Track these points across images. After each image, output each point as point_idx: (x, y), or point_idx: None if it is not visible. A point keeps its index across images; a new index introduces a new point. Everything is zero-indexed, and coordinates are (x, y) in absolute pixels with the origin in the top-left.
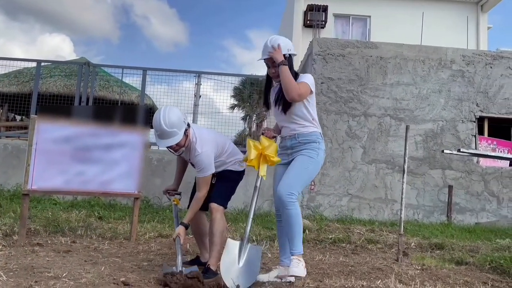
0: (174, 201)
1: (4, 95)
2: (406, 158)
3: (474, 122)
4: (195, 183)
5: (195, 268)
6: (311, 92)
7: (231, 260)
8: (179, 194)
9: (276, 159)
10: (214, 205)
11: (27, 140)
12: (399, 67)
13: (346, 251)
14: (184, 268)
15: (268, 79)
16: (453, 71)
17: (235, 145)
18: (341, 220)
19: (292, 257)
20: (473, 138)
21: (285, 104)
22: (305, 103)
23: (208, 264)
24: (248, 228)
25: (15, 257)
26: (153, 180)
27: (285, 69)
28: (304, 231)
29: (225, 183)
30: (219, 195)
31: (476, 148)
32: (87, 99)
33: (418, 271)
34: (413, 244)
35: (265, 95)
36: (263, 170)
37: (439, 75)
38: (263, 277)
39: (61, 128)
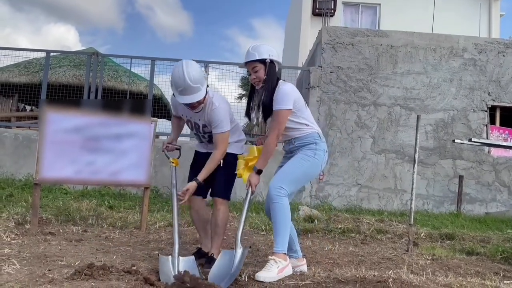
0: (172, 162)
1: (14, 85)
2: (417, 148)
3: (486, 111)
4: (194, 157)
5: (191, 259)
6: (290, 111)
7: (223, 270)
8: (179, 148)
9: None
10: (218, 200)
11: (37, 130)
12: (410, 56)
13: (355, 241)
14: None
15: (252, 88)
16: (465, 59)
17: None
18: (350, 210)
19: (270, 257)
20: (485, 128)
21: (265, 113)
22: (289, 117)
23: (212, 254)
24: (240, 232)
25: (28, 246)
26: (162, 170)
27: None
28: (313, 220)
29: (226, 171)
30: (225, 188)
31: (487, 138)
32: (96, 90)
33: (428, 261)
34: (423, 234)
35: (248, 104)
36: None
37: (451, 63)
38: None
39: (71, 118)
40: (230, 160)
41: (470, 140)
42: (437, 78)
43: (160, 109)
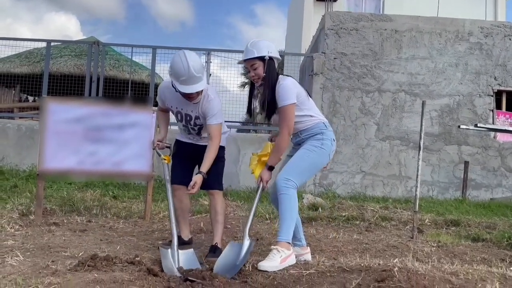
0: (164, 159)
1: (16, 76)
2: (422, 134)
3: (492, 96)
4: (176, 146)
5: (191, 252)
6: (295, 105)
7: (229, 262)
8: (169, 146)
9: None
10: (214, 191)
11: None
12: (415, 41)
13: (360, 229)
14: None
15: (252, 85)
16: (471, 43)
17: None
18: (355, 198)
19: (273, 246)
20: (491, 113)
21: (268, 112)
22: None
23: (216, 243)
24: (248, 226)
25: (32, 237)
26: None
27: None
28: (317, 208)
29: (217, 164)
30: (216, 180)
31: (493, 123)
32: (98, 79)
33: (434, 248)
34: (427, 221)
35: (249, 101)
36: (259, 172)
37: (456, 48)
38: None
39: (72, 108)
40: (221, 153)
41: (475, 125)
42: (442, 63)
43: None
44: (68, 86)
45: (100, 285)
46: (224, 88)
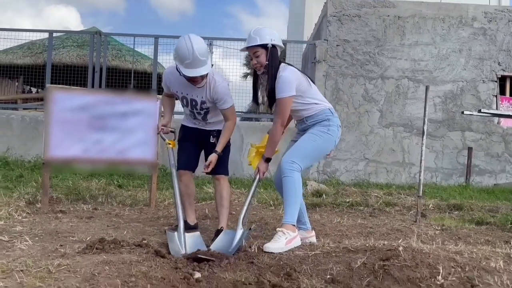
0: (169, 143)
1: (19, 67)
2: (426, 120)
3: (496, 81)
4: (182, 131)
5: (197, 235)
6: (293, 98)
7: (224, 248)
8: (174, 131)
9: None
10: (221, 176)
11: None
12: (418, 27)
13: (364, 214)
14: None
15: (256, 74)
16: (474, 29)
17: None
18: (358, 185)
19: (278, 228)
20: (494, 99)
21: (270, 100)
22: (295, 100)
23: (222, 227)
24: (243, 214)
25: (40, 223)
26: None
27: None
28: (320, 195)
29: (223, 149)
30: (222, 165)
31: (497, 109)
32: (100, 69)
33: (438, 231)
34: (431, 205)
35: (254, 90)
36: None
37: (460, 33)
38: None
39: (76, 96)
40: None
41: (479, 111)
42: (445, 49)
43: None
44: (71, 77)
45: (109, 266)
46: (226, 78)
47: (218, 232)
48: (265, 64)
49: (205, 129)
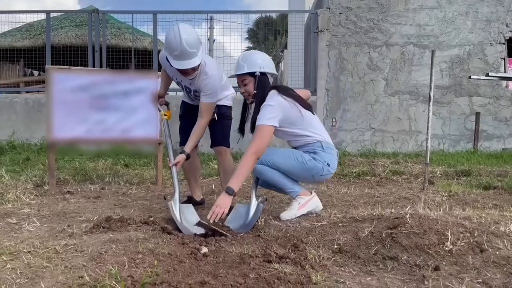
0: (165, 115)
1: (18, 50)
2: (432, 85)
3: (504, 44)
4: (182, 107)
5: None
6: (273, 128)
7: (237, 223)
8: (168, 104)
9: None
10: (222, 148)
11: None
12: None
13: (371, 184)
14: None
15: (245, 103)
16: None
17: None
18: (365, 155)
19: (293, 199)
20: (502, 62)
21: (252, 130)
22: (282, 129)
23: None
24: (255, 188)
25: (47, 205)
26: (172, 126)
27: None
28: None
29: (222, 122)
30: (223, 137)
31: (505, 72)
32: (100, 49)
33: (445, 197)
34: (438, 172)
35: (241, 119)
36: None
37: None
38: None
39: (77, 77)
40: (223, 111)
41: (487, 74)
42: (451, 12)
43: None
44: (71, 58)
45: (115, 244)
46: (228, 54)
47: None
48: (253, 94)
49: None
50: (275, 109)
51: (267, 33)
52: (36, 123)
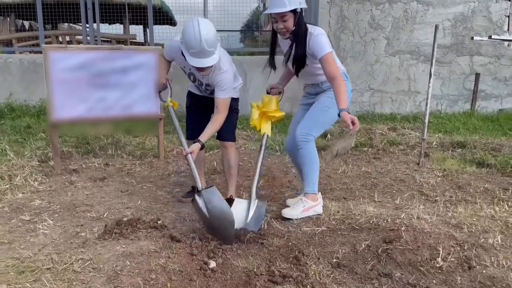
0: (170, 103)
1: (9, 5)
2: (435, 44)
3: (509, 1)
4: (189, 99)
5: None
6: (332, 52)
7: (239, 218)
8: (168, 85)
9: (278, 114)
10: (228, 143)
11: (40, 54)
12: None
13: (368, 157)
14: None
15: (274, 35)
16: None
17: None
18: (363, 117)
19: (300, 196)
20: (507, 19)
21: (298, 66)
22: (316, 64)
23: (231, 196)
24: (255, 185)
25: (56, 192)
26: (174, 87)
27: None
28: (325, 135)
29: (230, 115)
30: (229, 131)
31: (508, 30)
32: (93, 4)
33: (439, 178)
34: (434, 143)
35: (271, 53)
36: (265, 127)
37: None
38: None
39: (74, 55)
40: (231, 104)
41: (490, 37)
42: None
43: (162, 17)
44: (63, 14)
45: (129, 260)
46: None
47: (227, 200)
48: (291, 30)
49: (212, 97)
50: (323, 37)
51: None
52: (33, 84)
